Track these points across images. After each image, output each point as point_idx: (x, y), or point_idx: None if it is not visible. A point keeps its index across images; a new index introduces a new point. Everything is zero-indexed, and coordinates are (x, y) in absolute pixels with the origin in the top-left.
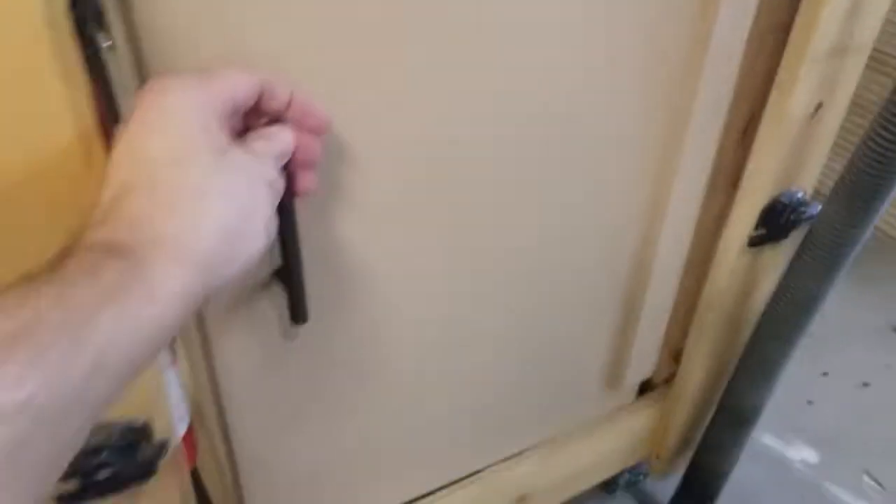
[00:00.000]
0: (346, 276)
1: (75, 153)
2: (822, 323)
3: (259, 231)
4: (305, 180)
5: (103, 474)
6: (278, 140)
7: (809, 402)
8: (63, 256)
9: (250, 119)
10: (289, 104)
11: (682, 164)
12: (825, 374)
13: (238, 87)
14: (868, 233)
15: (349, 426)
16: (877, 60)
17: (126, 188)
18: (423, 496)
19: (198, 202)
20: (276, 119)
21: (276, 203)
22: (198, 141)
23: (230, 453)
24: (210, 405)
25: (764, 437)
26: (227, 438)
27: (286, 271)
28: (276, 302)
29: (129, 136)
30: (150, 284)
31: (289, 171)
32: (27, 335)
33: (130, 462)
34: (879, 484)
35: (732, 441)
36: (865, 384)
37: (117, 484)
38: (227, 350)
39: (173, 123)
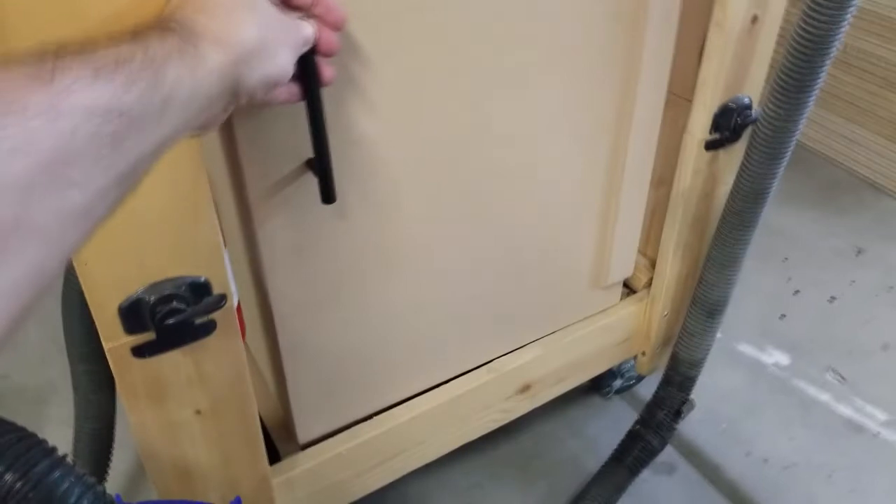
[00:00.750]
0: (371, 168)
1: None
2: (796, 248)
3: (281, 58)
4: (327, 70)
5: (174, 320)
6: (321, 36)
7: (782, 316)
8: (135, 31)
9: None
10: (315, 2)
11: (642, 76)
12: (797, 291)
13: None
14: (800, 126)
15: (376, 312)
16: None
17: (182, 2)
18: (442, 384)
19: (237, 13)
20: (302, 11)
21: (297, 57)
22: None
23: (272, 336)
24: (253, 299)
25: (741, 346)
26: (269, 322)
27: (317, 156)
28: (310, 189)
29: None
30: (200, 54)
31: (315, 61)
32: (127, 62)
33: (197, 308)
34: (841, 377)
35: (704, 330)
36: (832, 298)
37: (186, 333)
38: (268, 231)
39: None
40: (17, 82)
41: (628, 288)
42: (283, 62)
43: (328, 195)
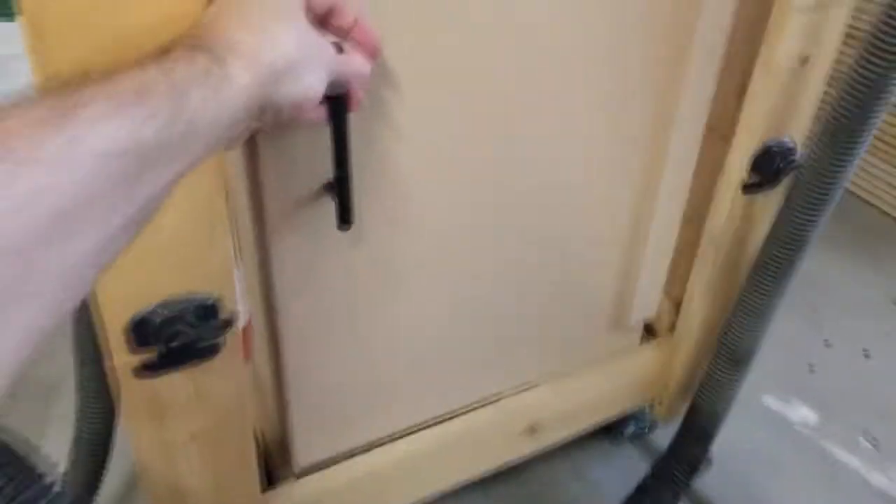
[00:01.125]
0: (389, 193)
1: None
2: (827, 295)
3: (313, 78)
4: (356, 95)
5: (179, 341)
6: (355, 62)
7: (811, 369)
8: (164, 49)
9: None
10: (353, 25)
11: (680, 110)
12: (827, 342)
13: None
14: (848, 175)
15: (386, 338)
16: (850, 35)
17: (219, 12)
18: (444, 417)
19: (272, 29)
20: (339, 36)
21: (330, 81)
22: None
23: (277, 357)
24: (261, 316)
25: (766, 398)
26: (275, 343)
27: (338, 180)
28: (327, 212)
29: None
30: (227, 75)
31: (346, 86)
32: (150, 91)
33: (202, 331)
34: (875, 442)
35: (728, 381)
36: (866, 353)
37: (189, 354)
38: (282, 252)
39: None
40: (35, 126)
41: (649, 329)
42: (315, 84)
43: (345, 219)
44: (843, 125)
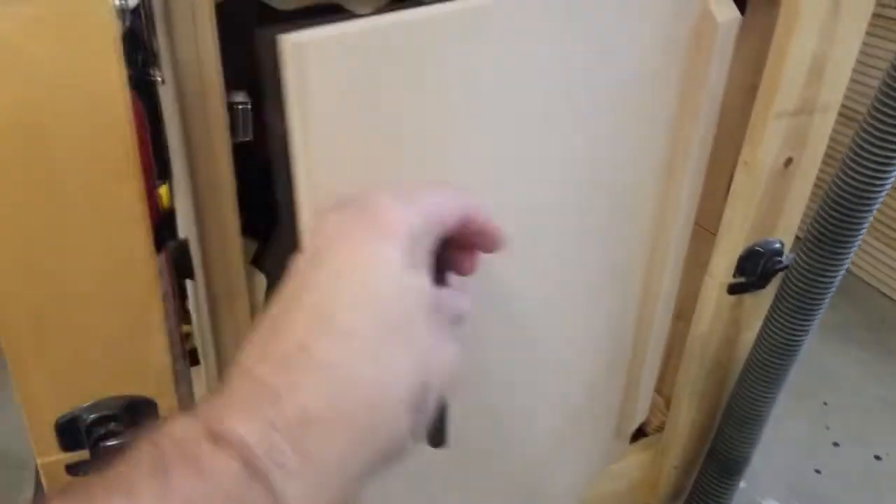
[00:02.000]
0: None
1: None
2: (838, 390)
3: (401, 414)
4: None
5: (111, 443)
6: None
7: (817, 472)
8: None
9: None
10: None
11: (677, 215)
12: (836, 444)
13: (447, 211)
14: (838, 279)
15: None
16: (846, 116)
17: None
18: None
19: (383, 359)
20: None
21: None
22: (392, 293)
23: None
24: None
25: (767, 502)
26: None
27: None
28: None
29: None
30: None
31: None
32: None
33: (135, 431)
34: None
35: (720, 490)
36: (877, 457)
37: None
38: None
39: (373, 269)
40: None
41: (637, 429)
42: (406, 431)
43: (439, 440)
44: (829, 231)
